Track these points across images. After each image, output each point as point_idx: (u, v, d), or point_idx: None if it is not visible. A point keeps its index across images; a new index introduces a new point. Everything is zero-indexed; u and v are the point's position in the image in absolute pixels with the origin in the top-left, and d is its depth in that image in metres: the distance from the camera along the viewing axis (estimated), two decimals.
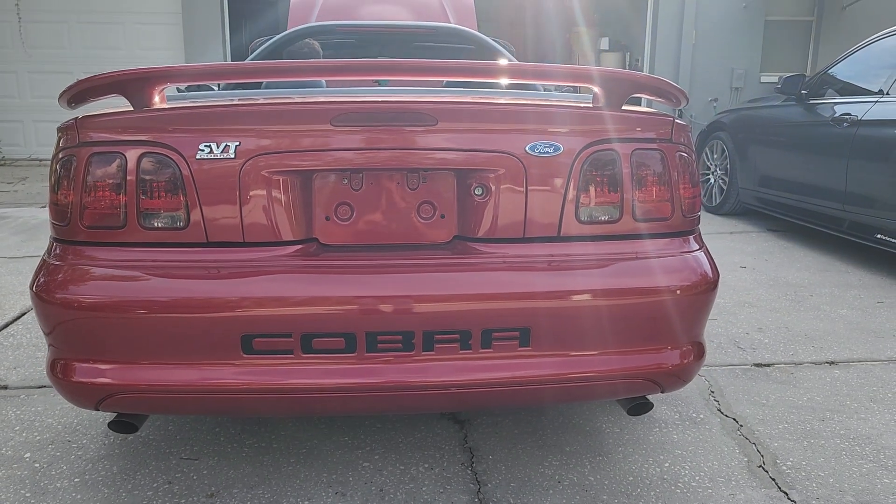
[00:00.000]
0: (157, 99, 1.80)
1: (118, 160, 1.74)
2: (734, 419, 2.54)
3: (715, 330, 3.46)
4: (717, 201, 6.49)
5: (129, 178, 1.74)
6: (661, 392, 1.92)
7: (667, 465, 2.24)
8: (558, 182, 1.81)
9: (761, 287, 4.24)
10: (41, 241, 5.42)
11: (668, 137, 1.88)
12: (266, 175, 1.75)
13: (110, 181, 1.75)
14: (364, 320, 1.71)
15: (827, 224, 5.00)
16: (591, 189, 1.83)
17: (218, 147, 1.73)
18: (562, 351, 1.78)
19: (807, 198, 5.17)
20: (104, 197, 1.76)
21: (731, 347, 3.25)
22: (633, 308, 1.80)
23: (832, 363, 3.09)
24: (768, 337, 3.40)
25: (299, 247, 1.79)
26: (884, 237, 4.41)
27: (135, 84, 1.74)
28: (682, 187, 1.89)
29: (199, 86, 2.67)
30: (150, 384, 1.72)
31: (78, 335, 1.74)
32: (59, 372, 1.76)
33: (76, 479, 2.13)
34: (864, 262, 4.85)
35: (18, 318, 3.68)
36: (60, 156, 1.80)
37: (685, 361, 1.86)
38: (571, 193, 1.82)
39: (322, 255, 1.79)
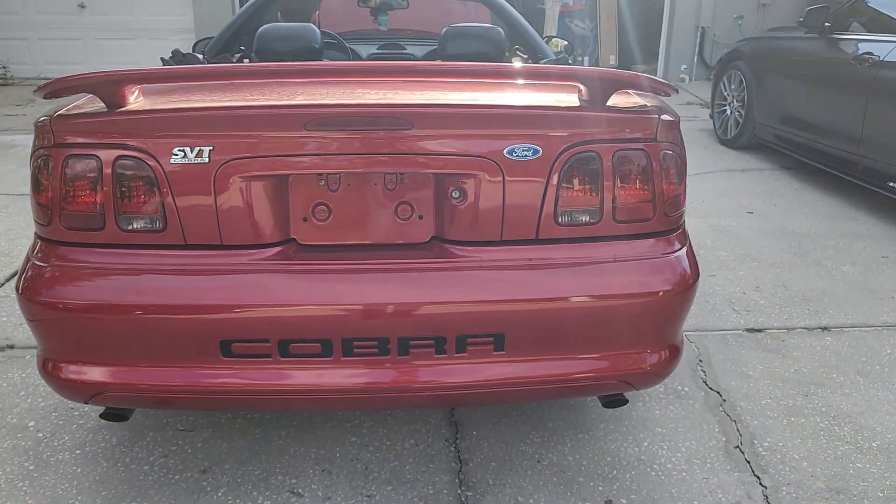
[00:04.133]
0: (131, 98, 1.77)
1: (94, 163, 1.74)
2: (718, 392, 2.59)
3: (712, 289, 3.46)
4: (732, 134, 6.33)
5: (105, 180, 1.74)
6: (635, 390, 1.95)
7: (646, 444, 2.30)
8: (537, 185, 1.78)
9: (766, 237, 4.20)
10: None
11: (652, 136, 1.83)
12: (241, 179, 1.73)
13: (87, 184, 1.75)
14: (340, 327, 1.73)
15: (840, 167, 4.88)
16: (571, 191, 1.80)
17: (192, 151, 1.71)
18: (536, 355, 1.81)
19: (822, 138, 5.03)
20: (82, 199, 1.76)
21: (726, 309, 3.26)
22: (609, 313, 1.81)
23: (825, 329, 3.10)
24: (765, 297, 3.40)
25: (278, 249, 1.79)
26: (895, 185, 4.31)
27: (108, 86, 1.71)
28: (667, 186, 1.86)
29: (183, 55, 2.61)
30: (135, 383, 1.78)
31: (63, 336, 1.79)
32: (48, 370, 1.82)
33: (77, 451, 2.24)
34: (875, 209, 4.77)
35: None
36: (38, 154, 1.79)
37: (660, 362, 1.88)
38: (550, 196, 1.79)
39: (300, 257, 1.80)
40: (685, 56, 9.94)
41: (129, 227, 1.77)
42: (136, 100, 1.80)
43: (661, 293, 1.82)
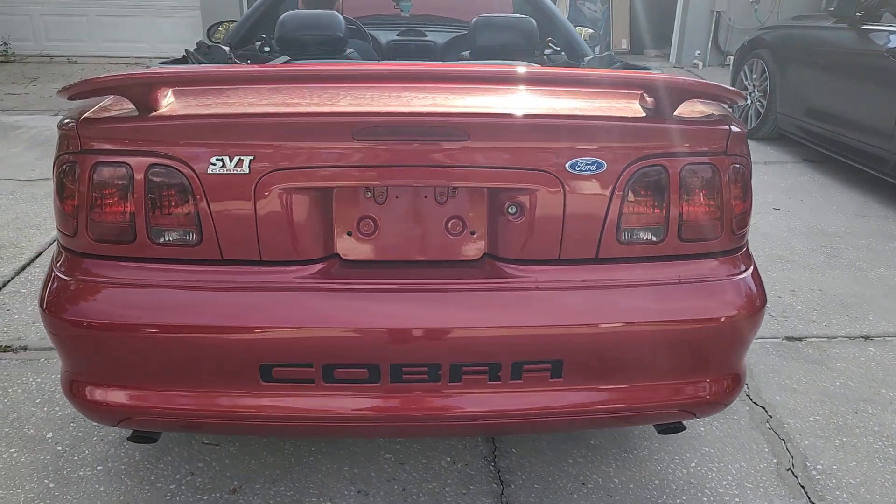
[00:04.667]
0: (163, 101, 1.64)
1: (124, 171, 1.61)
2: (763, 408, 2.48)
3: None
4: (753, 125, 6.19)
5: (136, 190, 1.61)
6: (696, 418, 1.85)
7: (693, 465, 2.20)
8: (600, 200, 1.66)
9: (796, 237, 4.09)
10: None
11: (722, 150, 1.71)
12: (282, 190, 1.61)
13: (117, 193, 1.63)
14: (390, 351, 1.62)
15: (869, 163, 4.75)
16: (635, 208, 1.68)
17: (231, 161, 1.59)
18: (595, 384, 1.70)
19: (850, 132, 4.90)
20: (111, 209, 1.64)
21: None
22: (673, 339, 1.69)
23: (867, 338, 3.00)
24: (801, 302, 3.29)
25: (320, 266, 1.68)
26: None
27: (140, 88, 1.58)
28: (735, 203, 1.74)
29: (209, 47, 2.46)
30: (168, 408, 1.67)
31: (90, 356, 1.67)
32: (74, 391, 1.71)
33: (98, 468, 2.13)
34: None
35: (35, 258, 3.63)
36: (63, 160, 1.66)
37: (724, 391, 1.77)
38: (613, 212, 1.67)
39: (344, 275, 1.68)
40: (699, 41, 9.76)
41: (162, 240, 1.65)
42: (168, 103, 1.67)
43: (728, 318, 1.71)
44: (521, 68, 1.70)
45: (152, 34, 9.80)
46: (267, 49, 3.16)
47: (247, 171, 1.59)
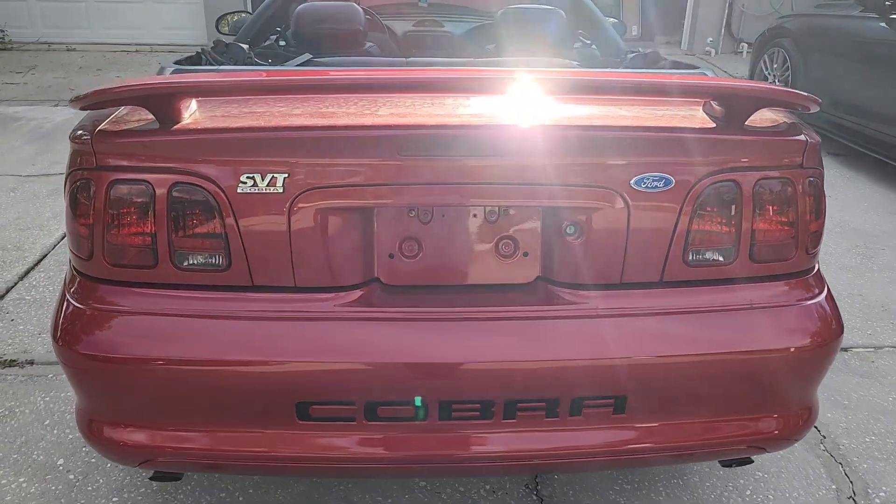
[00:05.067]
0: (186, 112, 1.49)
1: (145, 189, 1.46)
2: (816, 427, 2.35)
3: None
4: None
5: (158, 210, 1.46)
6: (765, 453, 1.71)
7: (748, 492, 2.07)
8: (667, 219, 1.51)
9: (828, 235, 3.92)
10: (57, 153, 5.13)
11: (798, 163, 1.56)
12: (320, 211, 1.46)
13: (137, 214, 1.47)
14: (438, 387, 1.48)
15: None
16: (705, 227, 1.53)
17: (263, 179, 1.43)
18: (661, 419, 1.55)
19: (879, 125, 4.74)
20: (130, 231, 1.49)
21: None
22: (745, 370, 1.55)
23: None
24: (843, 308, 3.12)
25: (360, 292, 1.53)
26: None
27: (162, 99, 1.43)
28: (809, 220, 1.59)
29: (227, 46, 2.29)
30: (196, 449, 1.53)
31: (109, 393, 1.53)
32: (92, 431, 1.57)
33: (114, 499, 1.99)
34: None
35: (39, 262, 3.48)
36: (76, 177, 1.51)
37: (798, 425, 1.63)
38: (681, 232, 1.52)
39: (386, 302, 1.53)
40: (711, 28, 9.56)
41: (186, 265, 1.50)
42: (191, 114, 1.51)
43: (804, 347, 1.56)
44: (585, 76, 1.55)
45: (152, 21, 9.59)
46: (282, 43, 3.00)
47: (280, 190, 1.44)
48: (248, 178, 1.43)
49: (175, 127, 1.46)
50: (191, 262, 1.50)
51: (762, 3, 9.20)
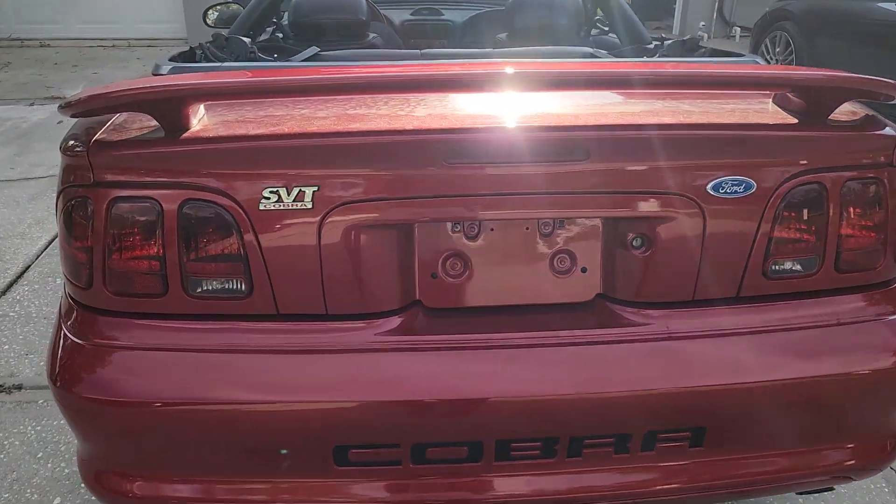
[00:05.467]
0: (195, 118, 1.29)
1: (152, 207, 1.26)
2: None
3: None
4: None
5: (167, 231, 1.27)
6: (851, 481, 1.55)
7: None
8: (746, 228, 1.34)
9: None
10: (36, 154, 4.87)
11: (888, 161, 1.39)
12: (354, 227, 1.28)
13: (143, 235, 1.28)
14: (494, 425, 1.30)
15: None
16: (787, 234, 1.37)
17: (289, 193, 1.24)
18: (741, 452, 1.39)
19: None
20: (136, 255, 1.29)
21: None
22: (834, 394, 1.39)
23: None
24: None
25: (400, 319, 1.34)
26: None
27: (169, 104, 1.23)
28: None
29: (226, 39, 2.07)
30: (219, 500, 1.34)
31: (118, 441, 1.34)
32: (96, 480, 1.38)
33: None
34: None
35: (22, 273, 3.26)
36: (70, 195, 1.31)
37: (889, 451, 1.48)
38: (761, 241, 1.35)
39: (430, 328, 1.35)
40: (703, 11, 9.42)
41: (201, 292, 1.31)
42: (200, 119, 1.31)
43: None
44: (646, 68, 1.37)
45: (129, 15, 9.29)
46: (280, 36, 2.79)
47: (309, 205, 1.25)
48: (271, 192, 1.24)
49: (184, 135, 1.26)
50: (206, 288, 1.31)
51: None
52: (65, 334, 1.37)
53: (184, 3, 9.08)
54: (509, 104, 1.37)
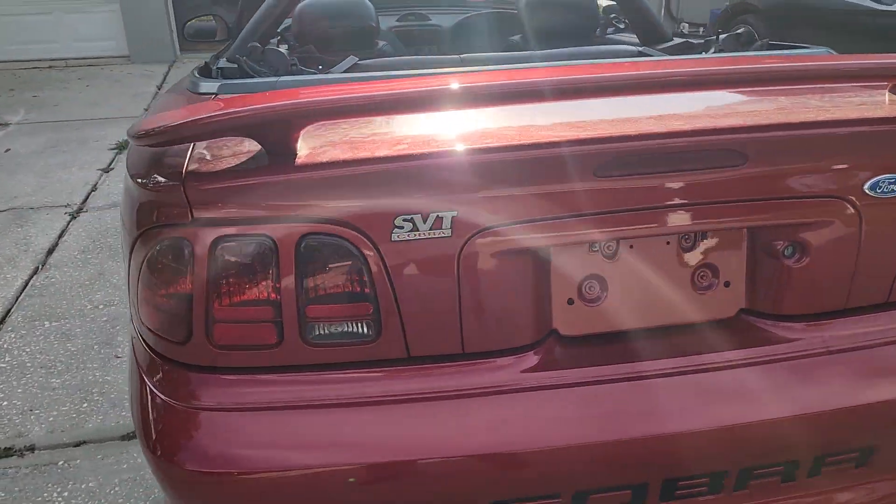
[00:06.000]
0: (300, 141, 1.13)
1: (265, 246, 1.10)
2: None
3: None
4: None
5: (283, 271, 1.10)
6: None
7: None
8: None
9: None
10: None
11: None
12: (497, 254, 1.14)
13: (255, 278, 1.11)
14: (661, 464, 1.18)
15: None
16: None
17: (425, 221, 1.10)
18: None
19: None
20: (246, 301, 1.12)
21: None
22: None
23: None
24: None
25: (539, 352, 1.21)
26: None
27: (278, 127, 1.07)
28: None
29: (263, 52, 1.87)
30: None
31: None
32: None
33: None
34: None
35: (3, 319, 2.97)
36: (156, 238, 1.13)
37: None
38: None
39: (572, 360, 1.22)
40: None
41: (322, 339, 1.15)
42: (307, 143, 1.15)
43: None
44: (779, 63, 1.27)
45: (66, 33, 8.83)
46: (278, 44, 2.61)
47: (448, 232, 1.11)
48: (405, 220, 1.09)
49: (298, 160, 1.10)
50: (327, 333, 1.15)
51: None
52: (154, 394, 1.18)
53: (123, 19, 8.70)
54: (645, 109, 1.25)
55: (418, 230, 1.10)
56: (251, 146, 1.16)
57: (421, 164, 1.10)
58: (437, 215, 1.10)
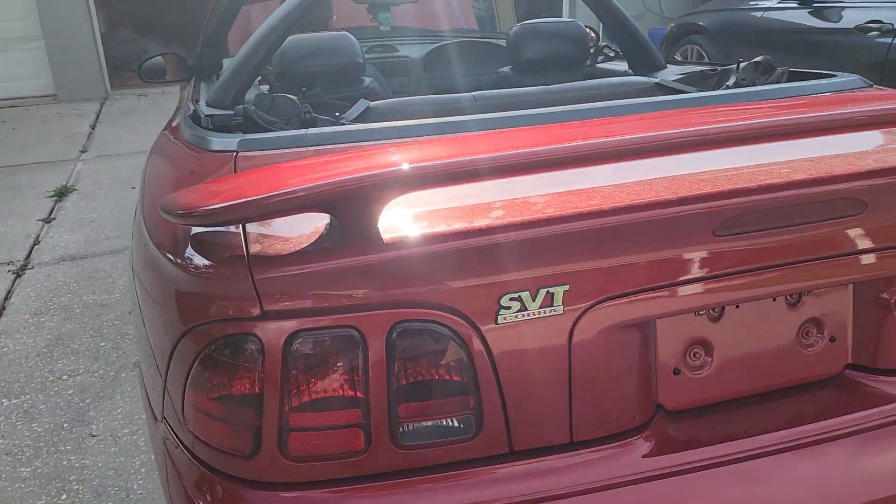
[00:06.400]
0: (378, 217, 0.97)
1: (350, 339, 0.94)
2: None
3: None
4: None
5: (374, 367, 0.94)
6: None
7: None
8: None
9: None
10: None
11: None
12: (608, 329, 1.00)
13: (339, 377, 0.95)
14: None
15: None
16: None
17: (534, 298, 0.96)
18: None
19: None
20: (328, 405, 0.95)
21: None
22: None
23: None
24: None
25: (651, 434, 1.08)
26: None
27: (358, 201, 0.91)
28: None
29: (272, 99, 1.69)
30: None
31: None
32: None
33: None
34: None
35: None
36: (214, 334, 0.95)
37: None
38: None
39: (684, 440, 1.09)
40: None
41: (413, 440, 0.99)
42: (390, 217, 0.99)
43: None
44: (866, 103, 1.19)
45: None
46: (265, 88, 2.43)
47: (559, 309, 0.97)
48: (511, 299, 0.95)
49: (383, 237, 0.94)
50: (421, 433, 0.99)
51: (633, 3, 9.39)
52: None
53: (49, 58, 8.26)
54: (745, 157, 1.14)
55: (527, 309, 0.96)
56: (316, 220, 0.99)
57: (527, 233, 0.96)
58: (548, 291, 0.96)
